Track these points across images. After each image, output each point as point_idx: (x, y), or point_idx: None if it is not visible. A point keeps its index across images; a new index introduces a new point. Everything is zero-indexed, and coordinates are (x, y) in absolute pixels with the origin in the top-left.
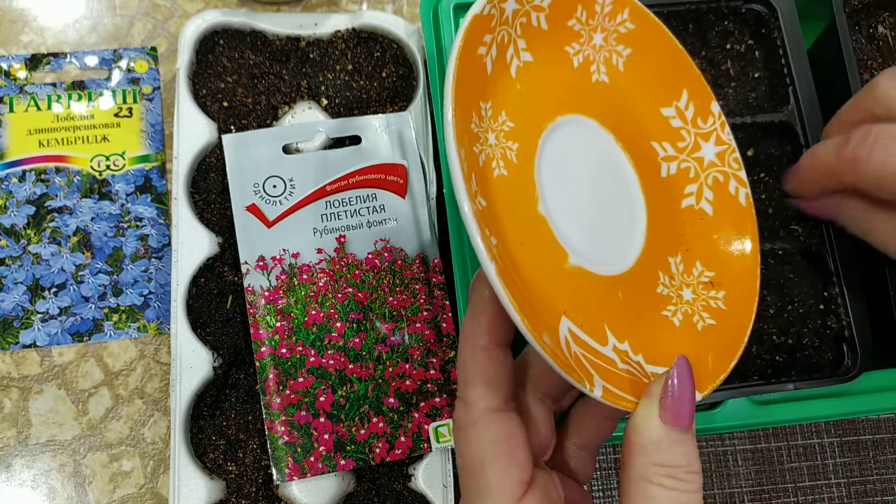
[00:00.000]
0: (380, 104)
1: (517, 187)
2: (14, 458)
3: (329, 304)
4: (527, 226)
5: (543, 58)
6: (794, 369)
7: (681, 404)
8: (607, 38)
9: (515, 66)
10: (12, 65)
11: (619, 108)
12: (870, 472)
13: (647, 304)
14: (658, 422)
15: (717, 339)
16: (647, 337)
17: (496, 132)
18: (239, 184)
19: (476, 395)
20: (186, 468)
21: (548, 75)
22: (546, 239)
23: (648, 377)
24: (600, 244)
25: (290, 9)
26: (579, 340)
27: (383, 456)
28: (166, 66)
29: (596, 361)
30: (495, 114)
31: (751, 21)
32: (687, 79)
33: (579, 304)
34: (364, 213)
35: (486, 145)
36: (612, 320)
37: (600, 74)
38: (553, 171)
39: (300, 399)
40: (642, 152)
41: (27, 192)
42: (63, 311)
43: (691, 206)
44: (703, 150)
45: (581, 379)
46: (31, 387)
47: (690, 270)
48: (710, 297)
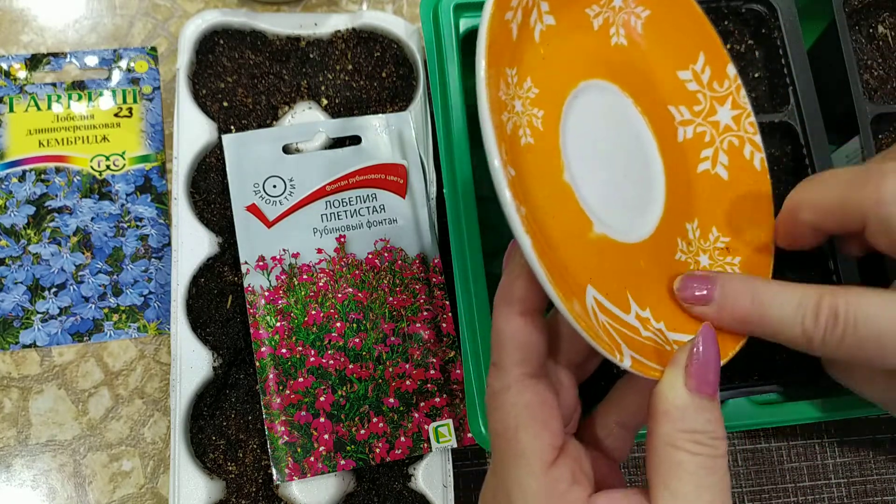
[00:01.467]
0: (380, 104)
1: (543, 155)
2: (14, 458)
3: (329, 304)
4: (553, 194)
5: (565, 21)
6: (795, 369)
7: (706, 371)
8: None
9: (539, 30)
10: (12, 65)
11: (638, 72)
12: (870, 472)
13: (666, 270)
14: (684, 389)
15: None
16: (668, 304)
17: (522, 99)
18: (239, 184)
19: (510, 360)
20: (186, 468)
21: (569, 39)
22: (571, 207)
23: (671, 345)
24: (622, 211)
25: (290, 9)
26: (605, 309)
27: (383, 456)
28: (166, 66)
29: (622, 330)
30: (521, 80)
31: (751, 21)
32: (704, 41)
33: (603, 272)
34: (364, 213)
35: (514, 113)
36: (635, 288)
37: (619, 37)
38: (577, 139)
39: (300, 399)
40: (660, 116)
41: (27, 192)
42: (63, 311)
43: (707, 170)
44: (719, 113)
45: (611, 349)
46: (31, 387)
47: (707, 236)
48: (726, 262)
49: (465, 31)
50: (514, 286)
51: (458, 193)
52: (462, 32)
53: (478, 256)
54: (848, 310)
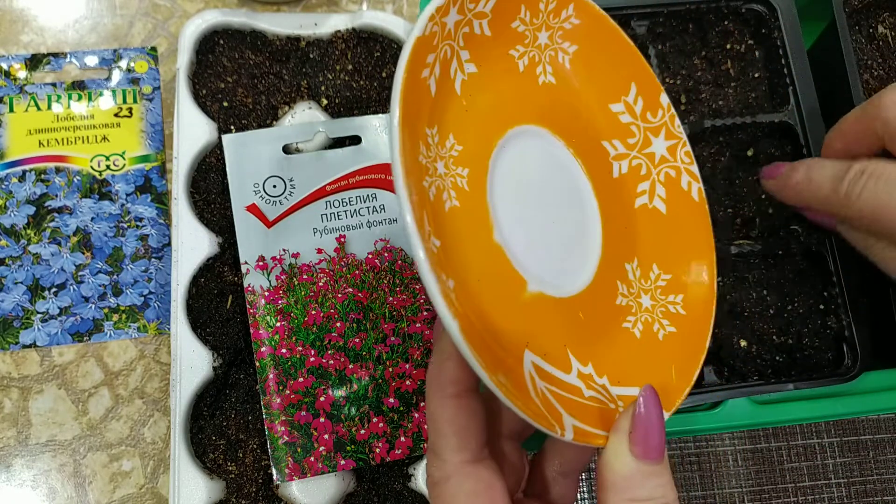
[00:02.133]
0: (380, 104)
1: (471, 217)
2: (14, 458)
3: (329, 304)
4: (483, 258)
5: (488, 66)
6: (794, 369)
7: (650, 436)
8: (552, 35)
9: (460, 80)
10: (12, 65)
11: (568, 110)
12: (870, 472)
13: (607, 318)
14: (629, 457)
15: (678, 348)
16: (610, 355)
17: (444, 159)
18: (239, 184)
19: (448, 448)
20: (186, 468)
21: (493, 85)
22: (504, 269)
23: (615, 401)
24: (558, 263)
25: (290, 9)
26: (544, 373)
27: (383, 456)
28: (166, 66)
29: (562, 395)
30: (442, 139)
31: (751, 21)
32: (635, 71)
33: (541, 332)
34: (364, 213)
35: (436, 176)
36: (575, 343)
37: (546, 75)
38: (506, 193)
39: (300, 399)
40: (593, 154)
41: (27, 192)
42: (63, 311)
43: (644, 204)
44: (654, 144)
45: (552, 425)
46: (31, 387)
47: (647, 275)
48: (668, 301)
49: None
50: (444, 368)
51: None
52: None
53: None
54: (875, 168)
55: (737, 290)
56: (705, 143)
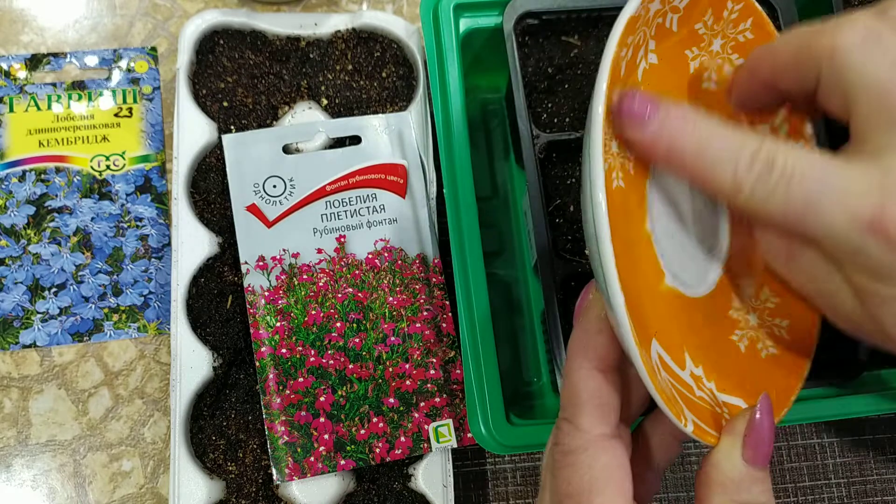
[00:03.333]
0: (380, 104)
1: (631, 200)
2: (14, 458)
3: (329, 304)
4: (635, 242)
5: (666, 60)
6: None
7: (762, 443)
8: (725, 45)
9: (642, 68)
10: (12, 65)
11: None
12: (870, 472)
13: (720, 327)
14: (740, 460)
15: (779, 369)
16: (718, 362)
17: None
18: (239, 184)
19: (590, 420)
20: (186, 468)
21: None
22: (648, 257)
23: (720, 406)
24: (690, 263)
25: (290, 9)
26: (666, 366)
27: (383, 456)
28: (166, 66)
29: (681, 390)
30: None
31: None
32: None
33: (666, 325)
34: (364, 213)
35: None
36: (690, 344)
37: (710, 82)
38: (661, 186)
39: (300, 399)
40: None
41: (27, 192)
42: (63, 311)
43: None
44: None
45: (678, 413)
46: (31, 387)
47: (759, 295)
48: (774, 324)
49: (465, 32)
50: (593, 342)
51: (458, 193)
52: (462, 33)
53: (478, 256)
54: (786, 163)
55: None
56: None
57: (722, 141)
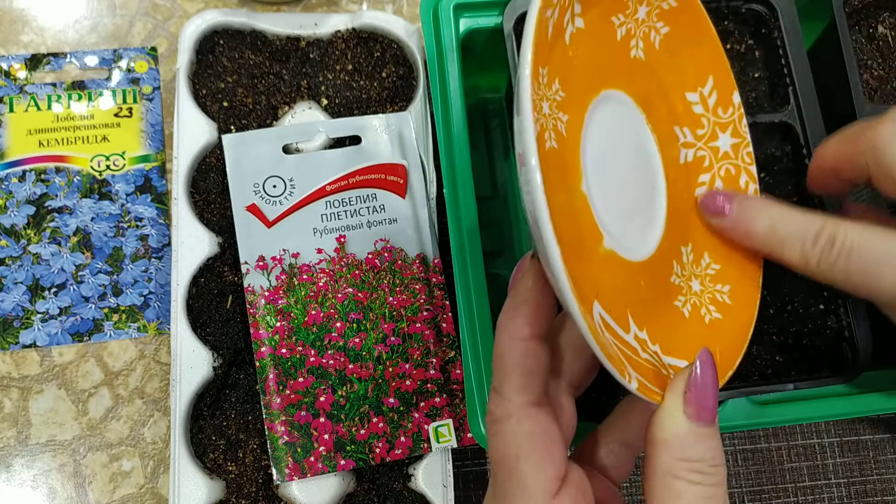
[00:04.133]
0: (380, 104)
1: (564, 161)
2: (14, 458)
3: (329, 304)
4: (570, 204)
5: (593, 26)
6: (794, 369)
7: (705, 397)
8: (650, 13)
9: (570, 31)
10: (12, 65)
11: (651, 88)
12: (870, 472)
13: (662, 293)
14: (683, 417)
15: (723, 334)
16: (662, 326)
17: (550, 101)
18: (239, 184)
19: (512, 388)
20: (186, 468)
21: (595, 45)
22: (585, 219)
23: (666, 368)
24: (629, 228)
25: (290, 9)
26: (609, 327)
27: (383, 456)
28: (166, 66)
29: (625, 350)
30: (550, 81)
31: (751, 21)
32: (714, 65)
33: (608, 288)
34: (364, 213)
35: (541, 114)
36: (634, 307)
37: (638, 50)
38: (595, 149)
39: (300, 399)
40: (667, 136)
41: (27, 192)
42: (63, 311)
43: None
44: (720, 140)
45: (622, 370)
46: (31, 387)
47: (699, 261)
48: (716, 290)
49: (465, 31)
50: (520, 309)
51: (458, 193)
52: (462, 32)
53: (478, 256)
54: (845, 239)
55: None
56: None
57: (790, 224)
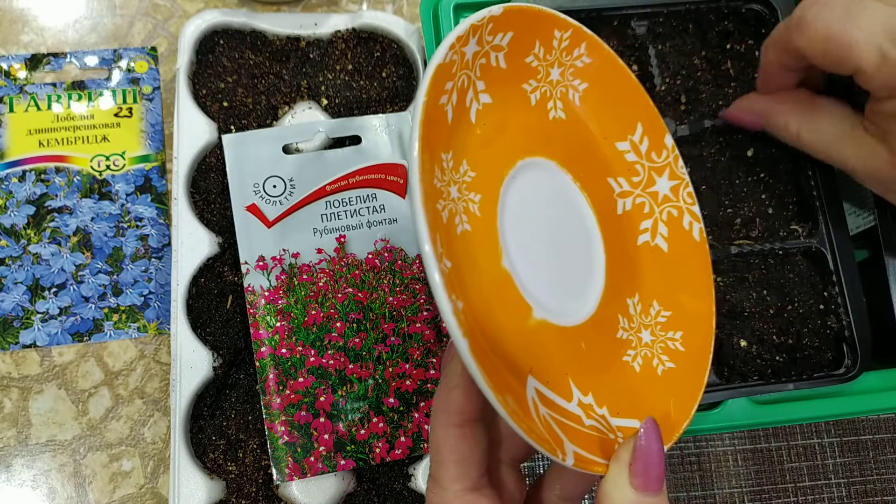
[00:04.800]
0: (380, 104)
1: (481, 242)
2: (14, 458)
3: (329, 304)
4: (491, 282)
5: (502, 98)
6: (794, 369)
7: (650, 468)
8: (564, 72)
9: (475, 109)
10: (12, 65)
11: (576, 145)
12: (870, 472)
13: (608, 351)
14: (628, 488)
15: (677, 383)
16: (610, 386)
17: (458, 184)
18: (239, 184)
19: (448, 476)
20: (186, 468)
21: (506, 116)
22: (510, 294)
23: (614, 432)
24: (562, 292)
25: (290, 9)
26: (546, 400)
27: (383, 456)
28: (166, 66)
29: (564, 422)
30: (456, 164)
31: (751, 21)
32: (641, 111)
33: (544, 359)
34: (364, 213)
35: (449, 200)
36: (576, 373)
37: (557, 111)
38: (515, 221)
39: (300, 399)
40: (599, 190)
41: (27, 192)
42: (63, 311)
43: (647, 242)
44: (658, 184)
45: (553, 449)
46: (31, 387)
47: (648, 311)
48: (668, 337)
49: None
50: (450, 397)
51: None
52: None
53: None
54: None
55: (737, 290)
56: (705, 143)
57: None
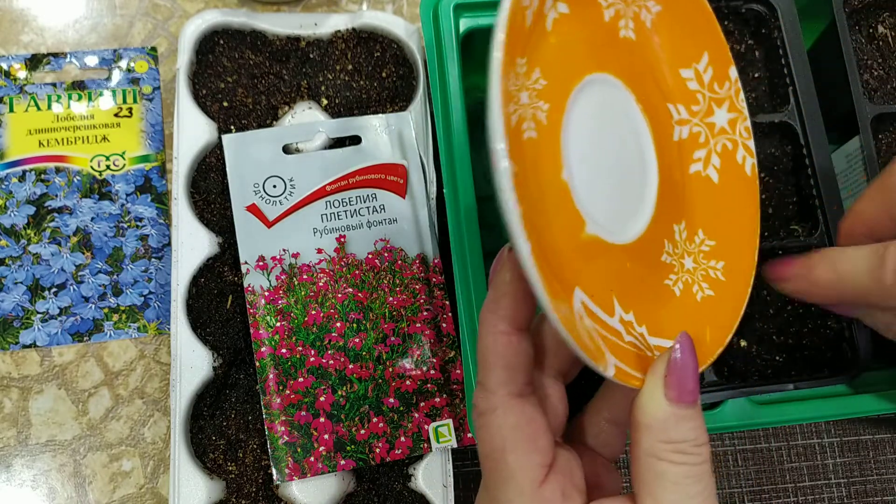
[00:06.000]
0: (380, 104)
1: (544, 151)
2: (14, 458)
3: (329, 304)
4: (549, 191)
5: (578, 10)
6: (794, 369)
7: (685, 380)
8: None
9: (552, 17)
10: (12, 65)
11: (642, 67)
12: (870, 472)
13: (651, 273)
14: (663, 400)
15: (714, 311)
16: (650, 307)
17: (529, 91)
18: (239, 184)
19: (496, 380)
20: (186, 468)
21: (579, 29)
22: (566, 206)
23: (651, 349)
24: (615, 210)
25: (290, 9)
26: (591, 313)
27: (383, 456)
28: (166, 66)
29: (606, 335)
30: (529, 70)
31: (751, 21)
32: (710, 41)
33: (591, 273)
34: (364, 213)
35: (520, 105)
36: (620, 290)
37: (628, 30)
38: (578, 134)
39: (300, 399)
40: (658, 114)
41: (27, 192)
42: (63, 311)
43: (698, 172)
44: (716, 115)
45: (596, 358)
46: (31, 387)
47: (693, 238)
48: (709, 266)
49: (465, 31)
50: (500, 303)
51: (458, 193)
52: (462, 32)
53: (478, 256)
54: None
55: None
56: None
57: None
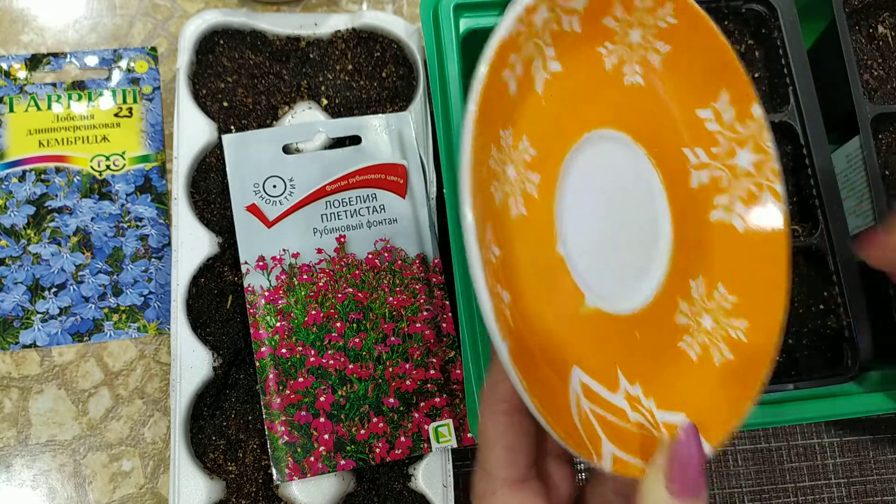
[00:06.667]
0: (380, 104)
1: (536, 226)
2: (14, 458)
3: (329, 304)
4: (543, 269)
5: (573, 64)
6: (794, 369)
7: (687, 473)
8: (645, 34)
9: (542, 79)
10: (12, 65)
11: (651, 113)
12: (870, 472)
13: (663, 337)
14: (664, 492)
15: (734, 377)
16: (661, 375)
17: (516, 163)
18: (239, 184)
19: (496, 464)
20: (186, 468)
21: (577, 85)
22: (563, 281)
23: (658, 427)
24: (621, 275)
25: (290, 9)
26: (590, 393)
27: (383, 456)
28: (166, 66)
29: (606, 417)
30: (516, 140)
31: (751, 21)
32: (728, 77)
33: (593, 349)
34: (364, 213)
35: (506, 181)
36: (626, 362)
37: (634, 76)
38: (575, 201)
39: (300, 399)
40: (672, 161)
41: (27, 192)
42: (63, 311)
43: (720, 220)
44: (739, 156)
45: (590, 453)
46: (31, 387)
47: (711, 294)
48: (731, 325)
49: (465, 31)
50: (498, 387)
51: (458, 193)
52: (462, 32)
53: None
54: None
55: None
56: None
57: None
